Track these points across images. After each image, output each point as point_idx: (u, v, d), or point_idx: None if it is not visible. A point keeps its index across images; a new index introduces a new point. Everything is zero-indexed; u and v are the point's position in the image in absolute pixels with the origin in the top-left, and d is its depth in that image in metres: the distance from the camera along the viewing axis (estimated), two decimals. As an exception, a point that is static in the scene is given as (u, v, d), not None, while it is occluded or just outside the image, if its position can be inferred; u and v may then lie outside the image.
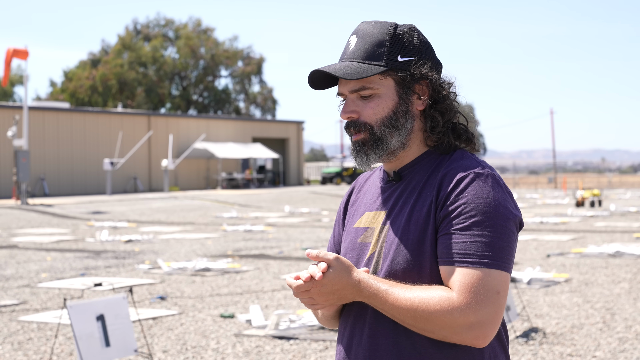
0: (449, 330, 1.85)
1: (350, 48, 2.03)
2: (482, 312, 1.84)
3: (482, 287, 1.84)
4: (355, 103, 2.03)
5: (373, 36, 2.01)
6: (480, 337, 1.86)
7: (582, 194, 32.16)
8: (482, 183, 1.91)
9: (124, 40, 72.45)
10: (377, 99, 2.01)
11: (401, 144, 2.02)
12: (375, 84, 2.00)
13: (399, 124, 2.00)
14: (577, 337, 7.50)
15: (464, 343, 1.87)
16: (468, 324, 1.84)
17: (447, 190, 1.93)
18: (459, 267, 1.87)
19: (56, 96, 70.63)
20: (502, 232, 1.88)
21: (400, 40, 2.01)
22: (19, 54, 32.96)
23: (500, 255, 1.87)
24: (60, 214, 27.31)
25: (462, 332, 1.85)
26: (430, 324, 1.86)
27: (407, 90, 2.01)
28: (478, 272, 1.85)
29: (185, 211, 29.21)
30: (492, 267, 1.85)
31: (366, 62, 1.99)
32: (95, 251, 15.87)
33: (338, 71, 1.99)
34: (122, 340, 5.89)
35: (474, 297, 1.84)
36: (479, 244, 1.86)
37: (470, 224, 1.87)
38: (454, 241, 1.88)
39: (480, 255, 1.85)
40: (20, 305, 9.58)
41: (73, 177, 43.63)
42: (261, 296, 10.03)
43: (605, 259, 13.45)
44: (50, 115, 43.26)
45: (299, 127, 58.76)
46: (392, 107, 2.01)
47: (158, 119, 49.64)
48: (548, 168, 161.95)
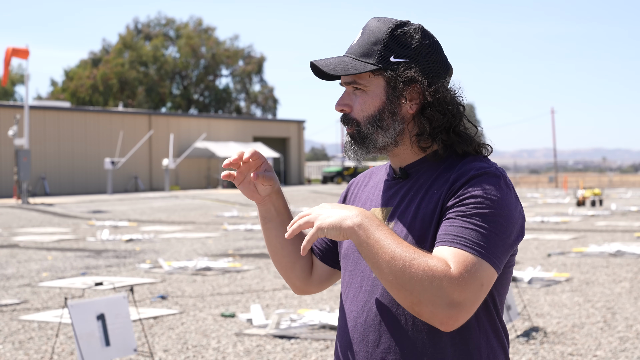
0: (428, 296, 1.77)
1: (353, 43, 2.04)
2: (466, 295, 1.78)
3: (472, 271, 1.80)
4: (350, 97, 2.03)
5: (373, 33, 2.00)
6: (453, 318, 1.79)
7: (583, 193, 32.16)
8: (495, 181, 1.90)
9: (125, 39, 72.47)
10: (365, 96, 2.00)
11: (391, 142, 2.00)
12: (365, 81, 1.99)
13: (384, 124, 1.99)
14: (578, 337, 7.50)
15: (433, 319, 1.80)
16: (450, 299, 1.77)
17: (459, 185, 1.91)
18: (455, 247, 1.82)
19: (57, 95, 70.68)
20: (502, 230, 1.86)
21: (397, 40, 1.99)
22: (19, 53, 32.94)
23: (494, 251, 1.84)
24: (61, 213, 27.32)
25: (439, 304, 1.77)
26: (415, 282, 1.77)
27: (395, 91, 1.98)
28: (472, 257, 1.81)
29: (186, 210, 29.22)
30: (484, 259, 1.82)
31: (360, 58, 1.99)
32: (96, 250, 15.87)
33: (327, 66, 2.00)
34: (122, 339, 5.89)
35: (465, 276, 1.78)
36: (477, 233, 1.83)
37: (473, 214, 1.86)
38: (454, 225, 1.86)
39: (476, 244, 1.83)
40: (21, 304, 9.58)
41: (74, 176, 43.65)
42: (262, 295, 10.03)
43: (606, 258, 13.45)
44: (51, 115, 43.27)
45: (300, 126, 58.77)
46: (378, 106, 1.99)
47: (159, 118, 49.66)
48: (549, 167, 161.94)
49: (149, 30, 74.98)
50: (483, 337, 1.95)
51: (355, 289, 2.03)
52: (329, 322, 7.71)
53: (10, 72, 77.21)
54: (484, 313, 1.96)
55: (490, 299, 1.96)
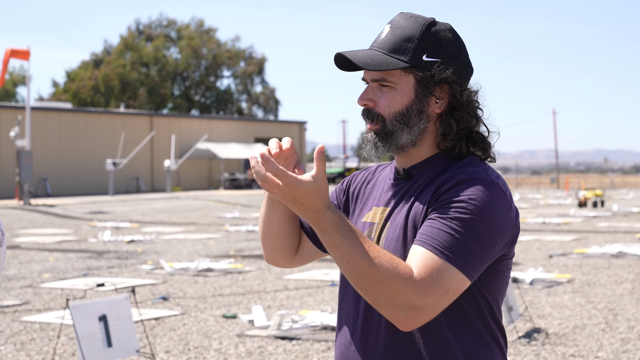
0: (388, 300, 1.79)
1: (381, 37, 2.01)
2: (427, 300, 1.79)
3: (437, 276, 1.80)
4: (374, 92, 2.00)
5: (404, 30, 1.98)
6: (412, 320, 1.81)
7: (584, 195, 32.14)
8: (482, 188, 1.88)
9: (126, 40, 72.52)
10: (393, 93, 1.98)
11: (412, 141, 2.00)
12: (395, 78, 1.98)
13: (411, 122, 1.98)
14: (579, 338, 7.50)
15: (392, 319, 1.82)
16: (410, 303, 1.79)
17: (445, 188, 1.91)
18: (426, 248, 1.83)
19: (59, 96, 70.71)
20: (480, 238, 1.84)
21: (430, 39, 1.98)
22: (18, 54, 32.85)
23: (466, 258, 1.83)
24: (62, 214, 27.34)
25: (399, 307, 1.79)
26: (375, 285, 1.79)
27: (425, 90, 1.98)
28: (440, 261, 1.81)
29: (187, 211, 29.23)
30: (454, 264, 1.81)
31: (391, 54, 1.97)
32: (98, 251, 15.88)
33: (359, 59, 1.96)
34: (124, 340, 5.90)
35: (428, 281, 1.79)
36: (451, 238, 1.83)
37: (453, 218, 1.85)
38: (432, 226, 1.85)
39: (448, 248, 1.82)
40: (22, 305, 9.59)
41: (75, 177, 43.68)
42: (263, 296, 10.04)
43: (608, 260, 13.44)
44: (53, 116, 43.31)
45: (301, 127, 58.79)
46: (407, 104, 1.98)
47: (160, 119, 49.68)
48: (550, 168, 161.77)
49: (151, 32, 75.02)
50: (477, 339, 1.95)
51: (353, 288, 2.03)
52: (331, 324, 7.72)
53: (12, 73, 77.39)
54: (477, 316, 1.95)
55: (484, 302, 1.96)
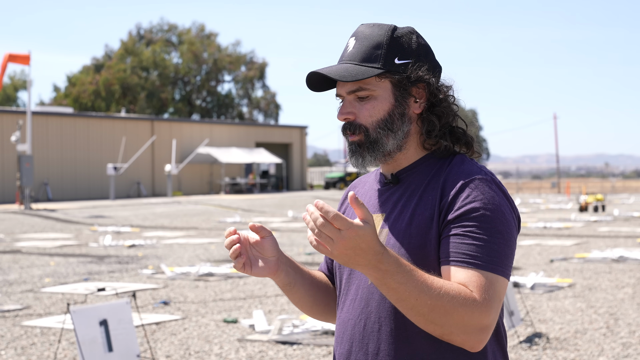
0: (461, 328, 1.80)
1: (348, 50, 2.03)
2: (492, 317, 1.82)
3: (492, 291, 1.83)
4: (352, 104, 2.01)
5: (371, 38, 2.00)
6: (483, 341, 1.83)
7: (585, 199, 32.12)
8: (487, 188, 1.91)
9: (127, 45, 72.60)
10: (373, 101, 1.99)
11: (397, 146, 2.01)
12: (371, 86, 1.99)
13: (394, 127, 1.99)
14: (580, 342, 7.49)
15: (464, 344, 1.84)
16: (481, 325, 1.81)
17: (451, 195, 1.91)
18: (471, 269, 1.84)
19: (60, 101, 70.79)
20: (507, 239, 1.88)
21: (397, 43, 2.00)
22: (17, 59, 32.74)
23: (505, 263, 1.86)
24: (63, 218, 27.34)
25: (471, 333, 1.81)
26: (446, 316, 1.79)
27: (403, 92, 2.00)
28: (489, 276, 1.83)
29: (188, 216, 29.22)
30: (499, 274, 1.85)
31: (363, 64, 1.98)
32: (99, 256, 15.88)
33: (334, 73, 1.97)
34: (125, 345, 5.89)
35: (488, 300, 1.81)
36: (487, 249, 1.85)
37: (477, 227, 1.86)
38: (462, 242, 1.86)
39: (488, 260, 1.84)
40: (23, 310, 9.58)
41: (76, 181, 43.68)
42: (264, 301, 10.03)
43: (609, 264, 13.43)
44: (54, 120, 43.33)
45: (302, 132, 58.79)
46: (388, 110, 1.99)
47: (161, 123, 49.70)
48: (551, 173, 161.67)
49: (152, 36, 75.11)
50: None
51: (351, 297, 2.03)
52: (331, 328, 7.71)
53: (13, 78, 77.46)
54: None
55: None
